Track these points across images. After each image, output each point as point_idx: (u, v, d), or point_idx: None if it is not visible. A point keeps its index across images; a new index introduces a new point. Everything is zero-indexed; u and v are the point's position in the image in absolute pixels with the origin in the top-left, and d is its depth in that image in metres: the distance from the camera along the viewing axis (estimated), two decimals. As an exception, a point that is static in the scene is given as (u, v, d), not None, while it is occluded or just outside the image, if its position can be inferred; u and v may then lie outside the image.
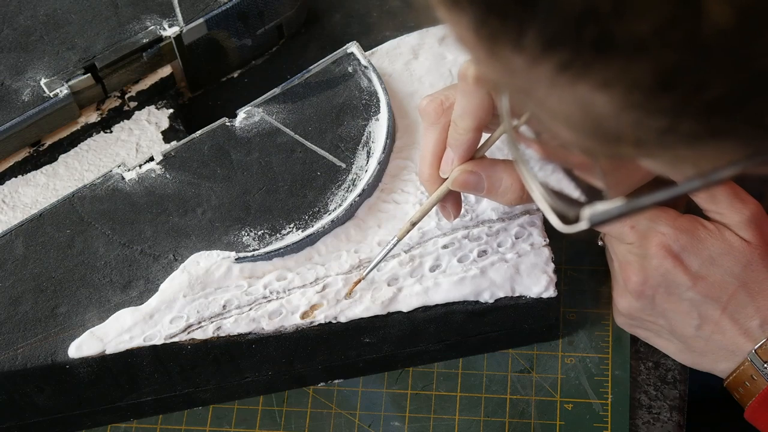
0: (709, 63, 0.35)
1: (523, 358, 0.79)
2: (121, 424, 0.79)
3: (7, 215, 0.80)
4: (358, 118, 0.80)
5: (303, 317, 0.74)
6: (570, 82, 0.38)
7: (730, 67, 0.35)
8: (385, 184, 0.78)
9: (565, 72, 0.37)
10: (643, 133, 0.39)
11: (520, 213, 0.77)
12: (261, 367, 0.76)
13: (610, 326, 0.79)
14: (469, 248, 0.75)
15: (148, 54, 0.83)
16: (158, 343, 0.73)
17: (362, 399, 0.78)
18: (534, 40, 0.37)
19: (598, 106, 0.38)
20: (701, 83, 0.36)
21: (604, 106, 0.38)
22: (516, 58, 0.38)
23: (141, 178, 0.79)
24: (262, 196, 0.77)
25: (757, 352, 0.69)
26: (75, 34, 0.84)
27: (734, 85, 0.36)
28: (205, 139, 0.80)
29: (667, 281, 0.71)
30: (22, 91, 0.81)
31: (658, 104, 0.37)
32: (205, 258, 0.75)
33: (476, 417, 0.77)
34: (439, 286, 0.74)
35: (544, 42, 0.37)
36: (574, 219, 0.46)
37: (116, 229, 0.77)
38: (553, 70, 0.37)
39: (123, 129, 0.84)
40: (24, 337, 0.73)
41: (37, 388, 0.74)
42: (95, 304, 0.74)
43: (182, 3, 0.83)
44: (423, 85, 0.83)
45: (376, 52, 0.84)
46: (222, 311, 0.73)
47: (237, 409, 0.79)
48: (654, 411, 0.77)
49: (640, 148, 0.41)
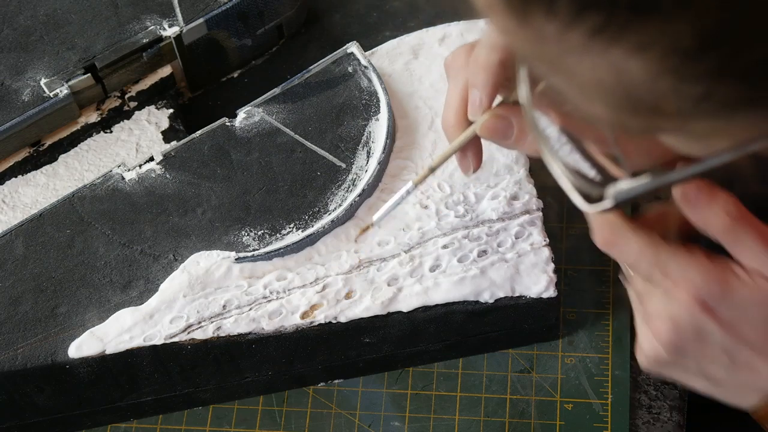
0: (751, 23, 0.34)
1: (523, 358, 0.79)
2: (121, 424, 0.79)
3: (7, 215, 0.80)
4: (358, 118, 0.80)
5: (303, 317, 0.74)
6: (603, 47, 0.37)
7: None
8: (385, 184, 0.78)
9: (598, 36, 0.36)
10: (678, 101, 0.38)
11: (520, 213, 0.77)
12: (261, 367, 0.76)
13: (610, 326, 0.79)
14: (469, 248, 0.75)
15: (148, 54, 0.83)
16: (158, 343, 0.73)
17: (362, 399, 0.78)
18: (567, 5, 0.36)
19: (632, 73, 0.38)
20: (741, 45, 0.35)
21: (638, 72, 0.37)
22: (548, 25, 0.37)
23: (141, 178, 0.79)
24: (262, 196, 0.77)
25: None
26: (75, 34, 0.84)
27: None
28: (205, 139, 0.80)
29: (700, 334, 0.69)
30: (22, 91, 0.81)
31: (695, 68, 0.36)
32: (205, 258, 0.75)
33: (476, 417, 0.77)
34: (439, 286, 0.74)
35: (578, 5, 0.36)
36: (598, 198, 0.45)
37: (116, 229, 0.77)
38: (586, 35, 0.37)
39: (123, 129, 0.84)
40: (24, 337, 0.73)
41: (37, 388, 0.74)
42: (95, 304, 0.74)
43: (182, 3, 0.83)
44: (423, 85, 0.83)
45: (376, 52, 0.84)
46: (222, 311, 0.73)
47: (237, 409, 0.79)
48: (654, 411, 0.77)
49: (672, 120, 0.39)
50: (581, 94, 0.41)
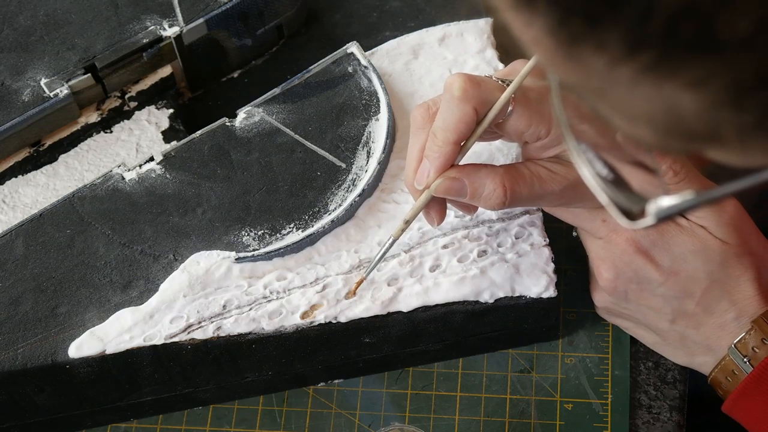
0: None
1: (523, 358, 0.79)
2: (121, 424, 0.79)
3: (7, 215, 0.80)
4: (358, 118, 0.80)
5: (303, 317, 0.74)
6: (656, 82, 0.36)
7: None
8: (385, 184, 0.78)
9: (650, 73, 0.36)
10: (731, 130, 0.38)
11: (520, 213, 0.77)
12: (261, 367, 0.76)
13: (610, 326, 0.79)
14: (469, 248, 0.75)
15: (148, 54, 0.83)
16: (158, 343, 0.73)
17: (362, 399, 0.78)
18: (618, 41, 0.35)
19: (684, 105, 0.37)
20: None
21: (691, 104, 0.37)
22: (596, 60, 0.37)
23: (141, 178, 0.79)
24: (262, 196, 0.77)
25: (737, 347, 0.69)
26: (75, 34, 0.84)
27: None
28: (205, 139, 0.80)
29: (638, 277, 0.71)
30: (22, 91, 0.81)
31: (752, 101, 0.36)
32: (205, 258, 0.75)
33: (476, 417, 0.77)
34: (439, 286, 0.74)
35: (630, 43, 0.35)
36: (639, 214, 0.44)
37: (116, 229, 0.77)
38: (637, 71, 0.36)
39: (123, 129, 0.84)
40: (24, 337, 0.73)
41: (37, 388, 0.74)
42: (95, 304, 0.74)
43: (182, 3, 0.83)
44: (423, 85, 0.83)
45: (376, 52, 0.84)
46: (222, 311, 0.73)
47: (237, 409, 0.79)
48: (654, 411, 0.77)
49: (718, 143, 0.39)
50: (627, 121, 0.41)
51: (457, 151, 0.69)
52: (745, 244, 0.70)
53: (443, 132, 0.68)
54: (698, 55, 0.35)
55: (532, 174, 0.69)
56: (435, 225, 0.73)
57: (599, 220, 0.72)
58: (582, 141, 0.48)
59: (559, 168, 0.69)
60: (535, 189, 0.69)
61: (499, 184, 0.68)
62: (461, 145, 0.69)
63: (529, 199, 0.70)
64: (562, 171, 0.69)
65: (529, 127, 0.68)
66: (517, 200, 0.69)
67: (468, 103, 0.67)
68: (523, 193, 0.69)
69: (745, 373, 0.69)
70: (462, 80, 0.67)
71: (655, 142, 0.41)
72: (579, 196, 0.70)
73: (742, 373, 0.69)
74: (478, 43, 0.84)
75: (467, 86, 0.67)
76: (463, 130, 0.67)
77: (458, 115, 0.67)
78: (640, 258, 0.71)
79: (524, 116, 0.68)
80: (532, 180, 0.69)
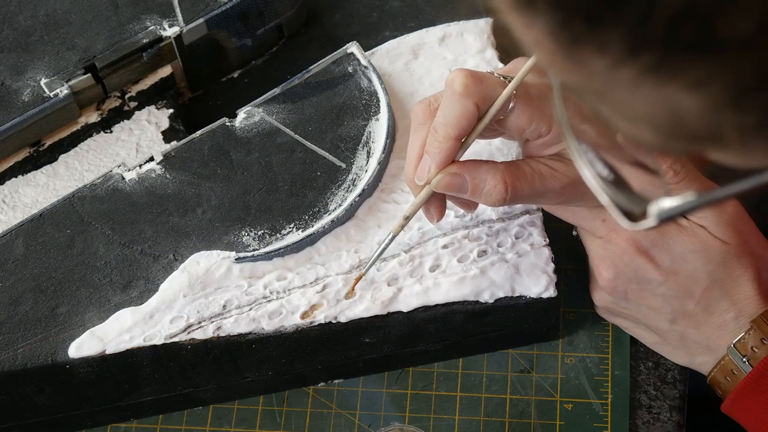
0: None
1: (523, 358, 0.79)
2: (121, 424, 0.79)
3: (7, 215, 0.80)
4: (358, 118, 0.80)
5: (303, 317, 0.74)
6: (656, 83, 0.36)
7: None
8: (385, 184, 0.78)
9: (651, 74, 0.36)
10: (732, 131, 0.38)
11: (520, 213, 0.77)
12: (261, 367, 0.76)
13: (610, 326, 0.79)
14: (469, 248, 0.75)
15: (148, 54, 0.83)
16: (158, 343, 0.73)
17: (362, 399, 0.78)
18: (619, 43, 0.35)
19: (685, 106, 0.37)
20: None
21: (692, 105, 0.37)
22: (597, 62, 0.37)
23: (141, 178, 0.79)
24: (262, 196, 0.77)
25: (736, 347, 0.69)
26: (75, 34, 0.84)
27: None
28: (205, 139, 0.80)
29: (638, 277, 0.71)
30: (22, 91, 0.81)
31: (753, 102, 0.36)
32: (205, 258, 0.75)
33: (476, 417, 0.77)
34: (439, 286, 0.74)
35: (631, 44, 0.35)
36: (641, 215, 0.44)
37: (116, 229, 0.77)
38: (638, 72, 0.36)
39: (123, 129, 0.84)
40: (24, 337, 0.73)
41: (37, 388, 0.74)
42: (95, 304, 0.74)
43: (182, 3, 0.83)
44: (423, 85, 0.83)
45: (376, 52, 0.84)
46: (222, 311, 0.73)
47: (237, 409, 0.79)
48: (654, 411, 0.77)
49: (719, 144, 0.39)
50: (628, 123, 0.41)
51: (458, 147, 0.69)
52: (745, 244, 0.70)
53: (444, 127, 0.68)
54: (699, 56, 0.35)
55: (533, 171, 0.69)
56: (434, 222, 0.73)
57: (599, 219, 0.72)
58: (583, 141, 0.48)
59: (560, 166, 0.69)
60: (536, 186, 0.69)
61: (500, 180, 0.68)
62: (462, 141, 0.69)
63: (529, 196, 0.70)
64: (563, 169, 0.69)
65: (531, 124, 0.68)
66: (517, 197, 0.69)
67: (469, 98, 0.66)
68: (524, 190, 0.69)
69: (744, 373, 0.69)
70: (464, 76, 0.67)
71: (656, 143, 0.41)
72: (579, 195, 0.70)
73: (741, 373, 0.69)
74: (478, 43, 0.84)
75: (469, 82, 0.67)
76: (464, 126, 0.67)
77: (459, 110, 0.67)
78: (640, 258, 0.71)
79: (525, 113, 0.68)
80: (533, 177, 0.69)
